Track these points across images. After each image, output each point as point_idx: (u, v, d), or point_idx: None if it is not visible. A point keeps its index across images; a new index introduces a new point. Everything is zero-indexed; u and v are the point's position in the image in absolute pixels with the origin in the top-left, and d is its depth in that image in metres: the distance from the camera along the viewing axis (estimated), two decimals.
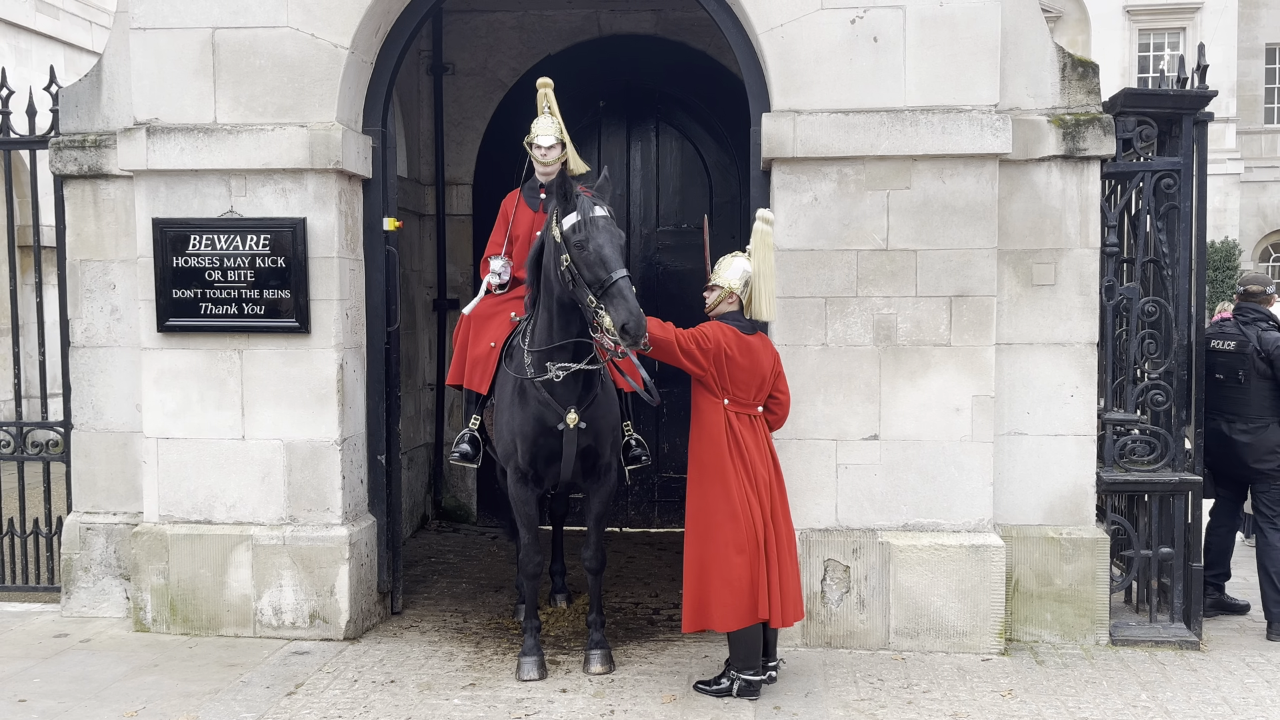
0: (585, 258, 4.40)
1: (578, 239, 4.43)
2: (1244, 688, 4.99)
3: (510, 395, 4.98)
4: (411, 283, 8.04)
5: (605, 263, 4.36)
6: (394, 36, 5.81)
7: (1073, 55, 5.58)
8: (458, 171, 8.38)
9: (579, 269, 4.41)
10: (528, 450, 4.95)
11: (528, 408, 4.91)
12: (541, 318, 4.82)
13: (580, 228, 4.43)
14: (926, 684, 4.98)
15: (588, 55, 8.21)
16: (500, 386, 5.12)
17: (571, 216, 4.48)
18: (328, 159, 5.49)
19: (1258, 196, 28.39)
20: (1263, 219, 28.64)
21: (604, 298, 4.33)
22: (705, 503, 4.68)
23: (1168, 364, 5.62)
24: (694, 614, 4.72)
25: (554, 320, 4.75)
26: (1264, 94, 28.55)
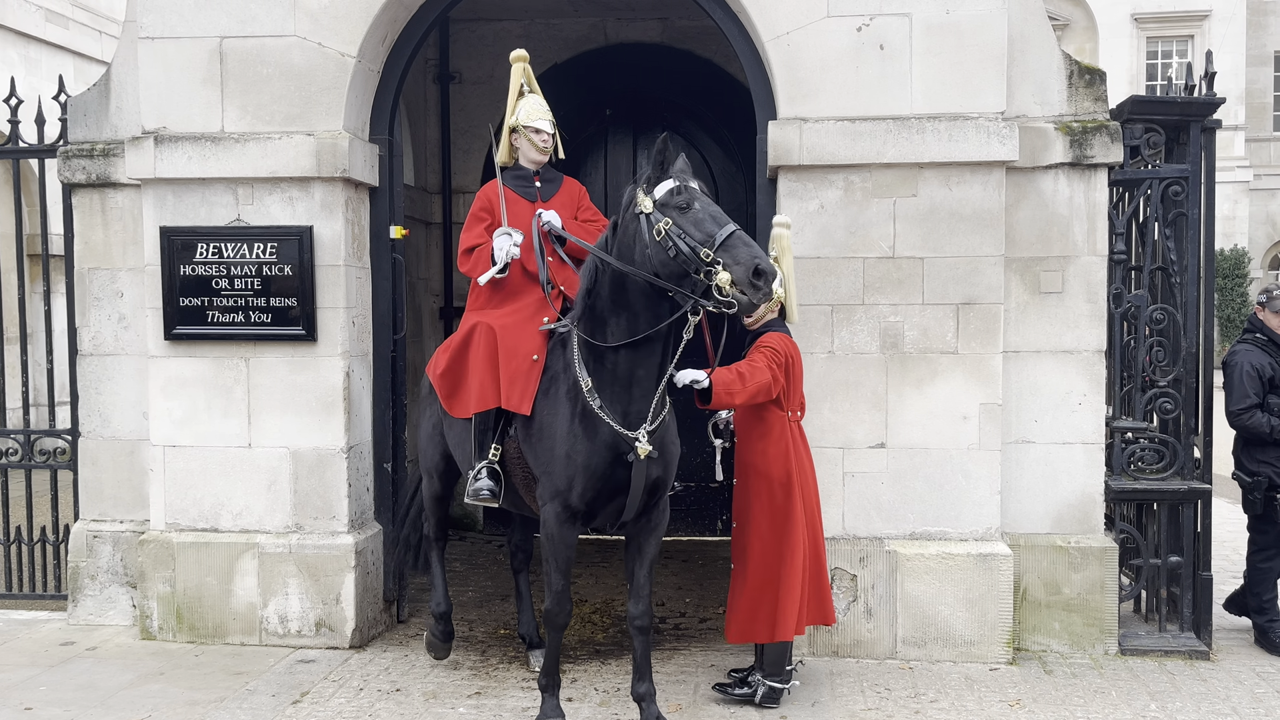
0: (693, 216, 3.96)
1: (679, 200, 4.00)
2: (1254, 698, 4.95)
3: (568, 421, 4.27)
4: (418, 291, 8.06)
5: (716, 218, 3.96)
6: (400, 45, 5.82)
7: (1079, 63, 5.57)
8: (465, 180, 8.39)
9: (686, 229, 3.94)
10: (592, 486, 4.28)
11: (597, 435, 4.23)
12: (615, 323, 4.20)
13: (680, 190, 4.01)
14: (934, 694, 4.95)
15: (594, 64, 8.23)
16: (548, 410, 4.36)
17: (666, 183, 4.04)
18: (334, 167, 5.50)
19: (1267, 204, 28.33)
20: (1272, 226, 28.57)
21: (723, 249, 3.85)
22: (777, 516, 4.68)
23: (1176, 372, 5.59)
24: (768, 625, 4.71)
25: (639, 319, 4.14)
26: (1272, 101, 28.52)
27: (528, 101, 4.94)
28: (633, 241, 4.10)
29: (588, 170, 8.40)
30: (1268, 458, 5.64)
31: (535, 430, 4.39)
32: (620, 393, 4.22)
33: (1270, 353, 5.67)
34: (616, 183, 8.36)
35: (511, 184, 4.92)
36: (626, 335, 4.16)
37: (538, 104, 4.94)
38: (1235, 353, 5.75)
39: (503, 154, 5.01)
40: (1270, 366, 5.63)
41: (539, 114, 4.92)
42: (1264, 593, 5.71)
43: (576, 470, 4.25)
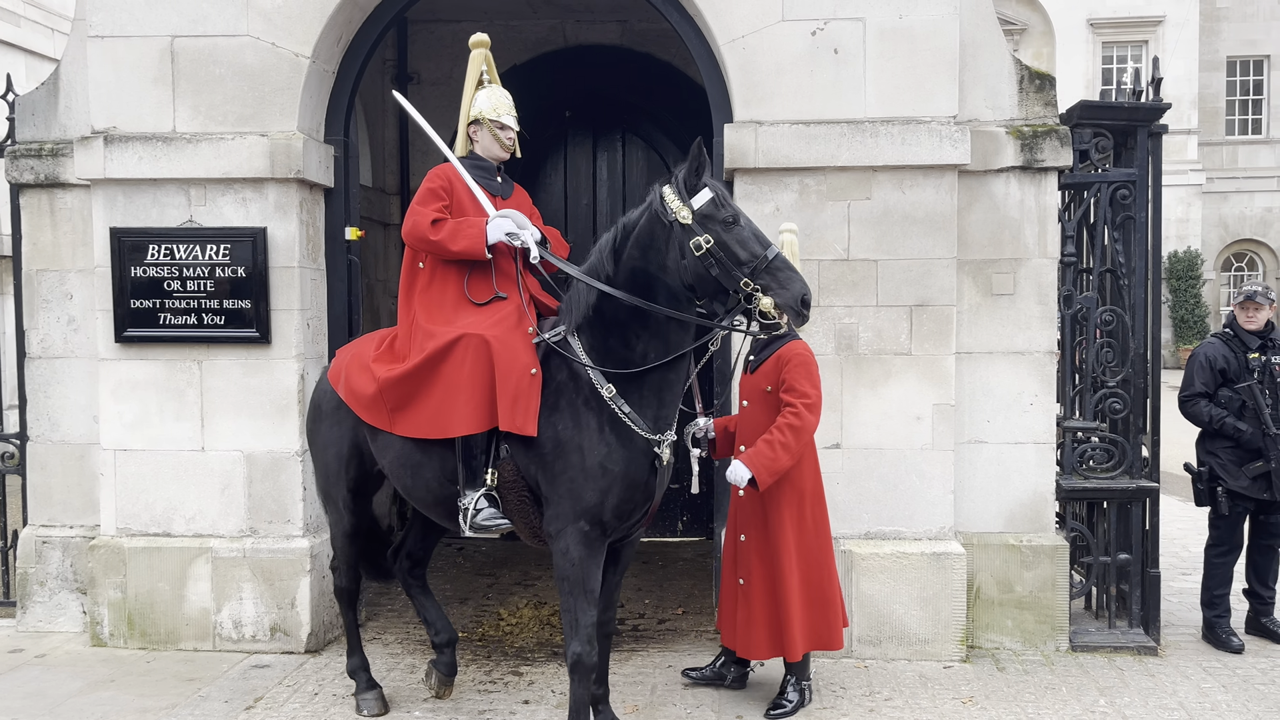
0: (738, 235, 3.83)
1: (724, 215, 3.84)
2: (1200, 693, 5.04)
3: (597, 431, 3.99)
4: (375, 293, 8.01)
5: (759, 238, 3.86)
6: (356, 46, 5.79)
7: (1030, 67, 5.65)
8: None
9: (730, 248, 3.80)
10: (630, 497, 4.04)
11: (632, 442, 4.01)
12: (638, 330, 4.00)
13: (723, 203, 3.86)
14: (888, 692, 5.00)
15: (554, 65, 8.22)
16: (564, 424, 4.03)
17: (705, 192, 3.87)
18: (289, 168, 5.46)
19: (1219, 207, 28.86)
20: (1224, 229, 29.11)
21: (766, 273, 3.77)
22: (808, 526, 4.69)
23: (1125, 372, 5.69)
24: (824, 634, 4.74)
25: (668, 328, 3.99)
26: (1224, 106, 29.05)
27: (492, 93, 4.59)
28: (663, 247, 3.92)
29: (547, 172, 8.40)
30: (1215, 449, 5.76)
31: (549, 449, 4.02)
32: (649, 397, 4.03)
33: (1233, 347, 5.77)
34: (576, 184, 8.36)
35: (475, 174, 4.50)
36: (656, 341, 3.98)
37: (503, 97, 4.60)
38: (1200, 346, 5.90)
39: (460, 146, 4.68)
40: (1225, 359, 5.73)
41: (505, 108, 4.59)
42: (1215, 588, 5.81)
43: (614, 481, 3.98)
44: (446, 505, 4.27)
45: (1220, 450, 5.73)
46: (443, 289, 4.33)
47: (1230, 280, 29.16)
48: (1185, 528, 8.25)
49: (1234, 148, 29.23)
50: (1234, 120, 29.30)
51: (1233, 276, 29.29)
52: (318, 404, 4.74)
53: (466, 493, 4.13)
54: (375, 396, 4.29)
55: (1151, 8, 27.34)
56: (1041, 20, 27.94)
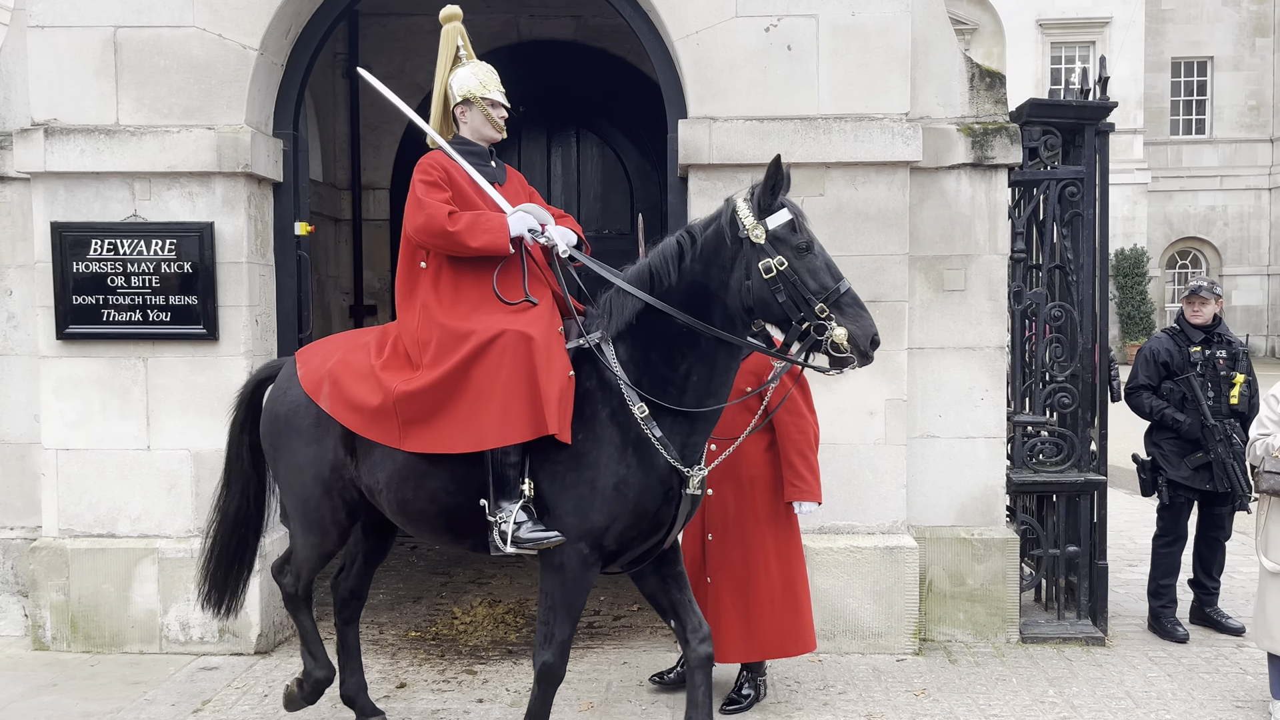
0: (811, 262, 3.56)
1: (799, 241, 3.57)
2: (1146, 681, 5.13)
3: (618, 450, 3.70)
4: (327, 289, 7.92)
5: (830, 269, 3.58)
6: (306, 38, 5.71)
7: (980, 66, 5.71)
8: (375, 176, 8.28)
9: (801, 275, 3.54)
10: (635, 526, 3.76)
11: (653, 469, 3.71)
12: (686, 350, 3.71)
13: (799, 228, 3.59)
14: (842, 685, 5.03)
15: (507, 60, 8.09)
16: (585, 435, 3.72)
17: (783, 213, 3.59)
18: (236, 162, 5.37)
19: (1164, 205, 29.44)
20: (1169, 227, 29.70)
21: (838, 308, 3.52)
22: (793, 525, 4.71)
23: (1074, 367, 5.77)
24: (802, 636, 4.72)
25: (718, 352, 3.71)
26: (1169, 106, 29.63)
27: (477, 69, 4.18)
28: (728, 264, 3.63)
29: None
30: (1158, 440, 5.87)
31: (563, 457, 3.71)
32: (682, 422, 3.73)
33: (1179, 342, 5.88)
34: (530, 178, 8.26)
35: (470, 160, 4.07)
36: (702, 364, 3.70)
37: (489, 72, 4.18)
38: (1148, 340, 6.02)
39: (436, 124, 4.23)
40: (1169, 353, 5.84)
41: (494, 84, 4.16)
42: (1161, 578, 5.91)
43: (625, 507, 3.69)
44: (450, 518, 3.88)
45: (1163, 441, 5.84)
46: (456, 287, 3.89)
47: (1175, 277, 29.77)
48: (1132, 519, 8.39)
49: (1178, 147, 29.83)
50: (1178, 120, 29.91)
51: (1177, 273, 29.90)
52: (285, 418, 4.13)
53: (503, 505, 3.68)
54: (384, 410, 3.81)
55: (1099, 9, 27.80)
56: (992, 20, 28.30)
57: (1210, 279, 6.46)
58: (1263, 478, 4.65)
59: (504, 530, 3.67)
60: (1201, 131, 29.87)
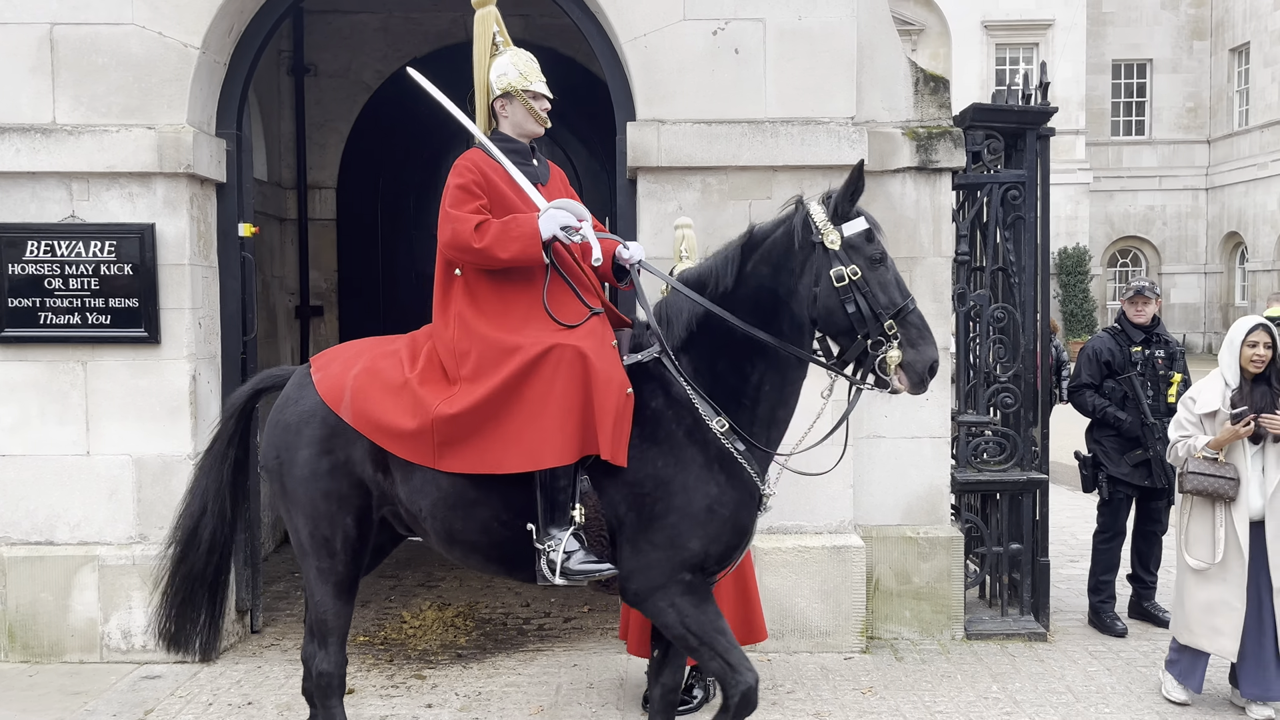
0: (883, 276, 3.37)
1: (873, 252, 3.38)
2: (1086, 675, 5.24)
3: (704, 468, 3.46)
4: (272, 290, 7.81)
5: (899, 285, 3.39)
6: (249, 36, 5.62)
7: (924, 70, 5.78)
8: (321, 175, 8.18)
9: (873, 288, 3.35)
10: (734, 546, 3.54)
11: (741, 484, 3.50)
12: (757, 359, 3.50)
13: (874, 238, 3.41)
14: (791, 684, 5.07)
15: (456, 59, 8.02)
16: (663, 457, 3.47)
17: (860, 221, 3.41)
18: (178, 162, 5.28)
19: (1105, 205, 29.99)
20: (1110, 226, 30.26)
21: (904, 325, 3.35)
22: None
23: (1016, 368, 5.86)
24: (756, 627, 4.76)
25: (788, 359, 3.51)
26: (1110, 108, 30.18)
27: (517, 57, 3.85)
28: (797, 269, 3.43)
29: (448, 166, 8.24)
30: (1099, 437, 6.01)
31: (647, 487, 3.43)
32: (759, 434, 3.54)
33: (1120, 342, 6.01)
34: None
35: (515, 160, 3.80)
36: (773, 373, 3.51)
37: (529, 60, 3.86)
38: (1090, 339, 6.16)
39: (481, 121, 3.94)
40: (1110, 352, 5.97)
41: (535, 74, 3.84)
42: (1101, 573, 6.04)
43: (724, 527, 3.46)
44: (506, 550, 3.59)
45: (1104, 438, 5.97)
46: (500, 296, 3.61)
47: (1116, 275, 30.35)
48: (1074, 516, 8.54)
49: (1119, 148, 30.40)
50: (1119, 121, 30.47)
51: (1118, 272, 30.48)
52: (297, 428, 3.74)
53: (552, 533, 3.44)
54: (422, 429, 3.51)
55: (1042, 11, 28.23)
56: (938, 21, 28.63)
57: (1151, 279, 6.62)
58: (1186, 478, 4.78)
59: (553, 559, 3.42)
60: (1141, 133, 30.47)
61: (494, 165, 3.73)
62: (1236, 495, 4.69)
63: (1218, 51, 29.77)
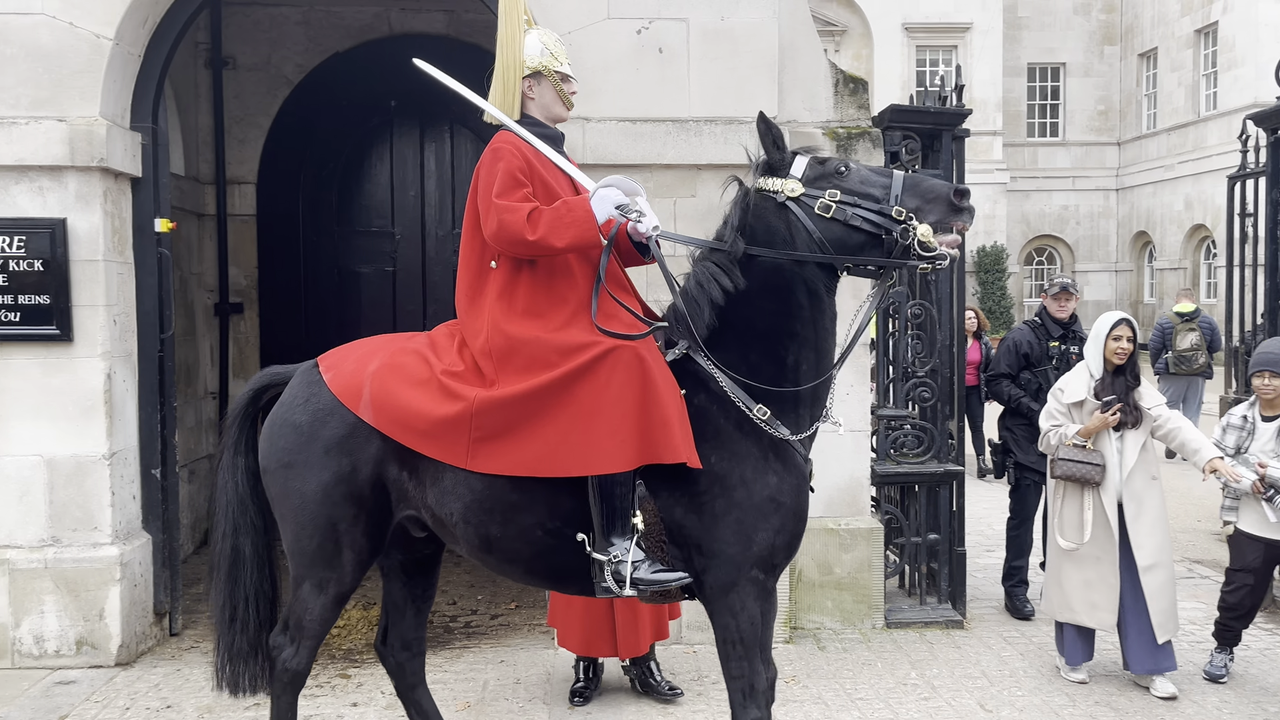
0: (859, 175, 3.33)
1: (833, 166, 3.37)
2: (1000, 661, 5.41)
3: (760, 459, 3.31)
4: (190, 286, 7.65)
5: (878, 171, 3.38)
6: (164, 28, 5.51)
7: (844, 72, 5.90)
8: (240, 170, 8.04)
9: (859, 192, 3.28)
10: (798, 534, 3.41)
11: (795, 466, 3.37)
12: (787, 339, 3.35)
13: (825, 156, 3.45)
14: (715, 675, 5.14)
15: (378, 54, 8.04)
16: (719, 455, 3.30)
17: (798, 160, 3.36)
18: (91, 156, 5.16)
19: (1022, 204, 30.75)
20: (1026, 225, 31.03)
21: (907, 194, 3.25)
22: None
23: (933, 363, 6.02)
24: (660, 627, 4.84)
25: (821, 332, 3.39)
26: (1026, 109, 30.96)
27: (546, 37, 3.65)
28: (788, 237, 3.31)
29: (372, 163, 8.22)
30: (1012, 425, 6.22)
31: (703, 485, 3.27)
32: (804, 416, 3.40)
33: (1039, 335, 6.20)
34: (403, 175, 8.23)
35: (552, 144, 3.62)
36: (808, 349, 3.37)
37: (558, 42, 3.69)
38: (1011, 331, 6.36)
39: (510, 103, 3.62)
40: (1029, 345, 6.17)
41: (565, 55, 3.68)
42: (1013, 559, 6.27)
43: (787, 516, 3.33)
44: (551, 560, 3.39)
45: (1015, 427, 6.19)
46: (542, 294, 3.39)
47: (1033, 273, 31.15)
48: (990, 507, 8.79)
49: (1034, 149, 31.20)
50: (1034, 123, 31.27)
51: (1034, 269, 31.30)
52: (309, 429, 3.49)
53: (614, 542, 3.24)
54: (453, 421, 3.29)
55: (960, 14, 28.83)
56: (861, 23, 29.07)
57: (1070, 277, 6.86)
58: (1058, 464, 5.05)
59: (620, 571, 3.22)
60: (1055, 134, 31.31)
61: (530, 148, 3.50)
62: (1104, 480, 4.96)
63: (1127, 56, 30.74)
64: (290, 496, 3.52)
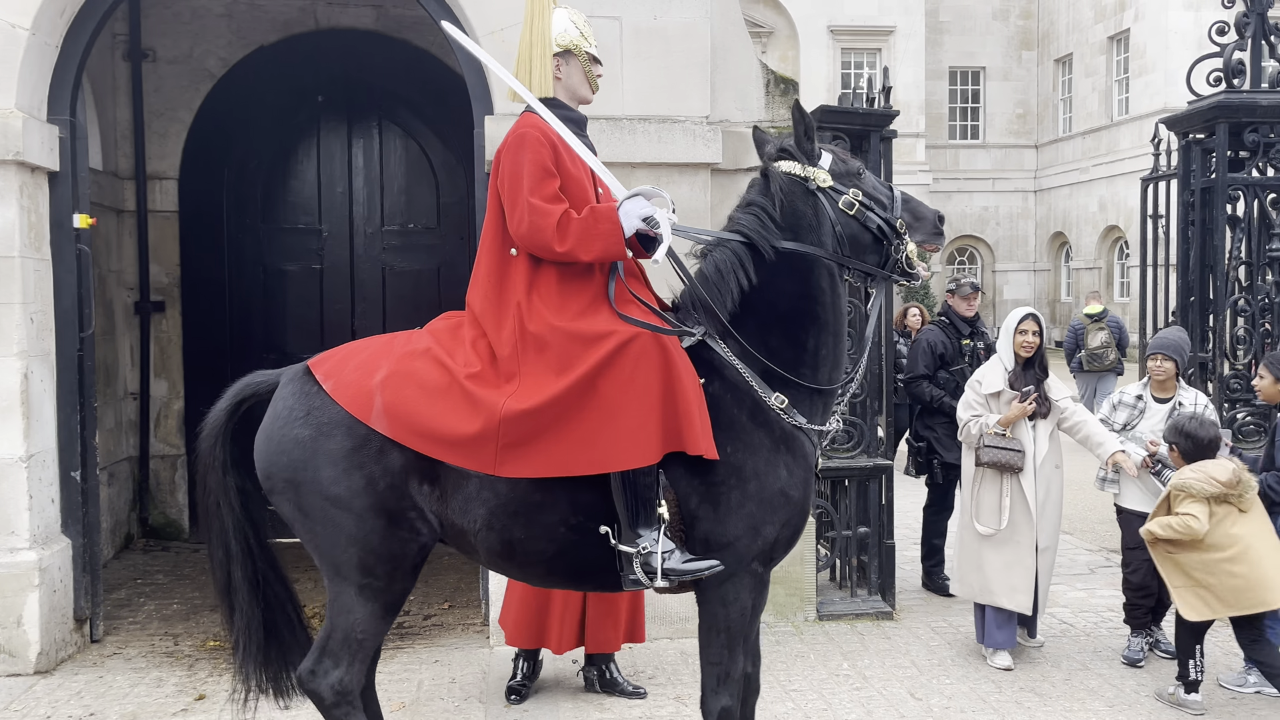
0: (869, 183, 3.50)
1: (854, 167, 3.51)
2: (929, 650, 5.53)
3: (771, 450, 3.30)
4: (109, 284, 7.45)
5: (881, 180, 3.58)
6: (83, 18, 5.37)
7: (775, 72, 5.98)
8: (161, 165, 7.85)
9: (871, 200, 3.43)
10: (801, 527, 3.45)
11: (805, 458, 3.37)
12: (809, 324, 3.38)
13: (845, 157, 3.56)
14: (652, 670, 5.18)
15: (305, 48, 7.92)
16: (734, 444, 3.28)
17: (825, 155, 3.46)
18: (6, 149, 5.00)
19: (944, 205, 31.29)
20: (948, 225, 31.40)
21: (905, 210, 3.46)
22: None
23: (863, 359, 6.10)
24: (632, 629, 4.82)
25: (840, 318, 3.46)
26: (947, 112, 31.62)
27: (575, 16, 3.55)
28: (813, 222, 3.37)
29: (299, 158, 8.09)
30: (933, 424, 6.37)
31: (720, 476, 3.25)
32: (818, 405, 3.42)
33: (949, 334, 6.38)
34: (330, 171, 8.10)
35: (576, 130, 3.49)
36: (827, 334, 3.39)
37: (587, 22, 3.59)
38: (922, 332, 6.47)
39: (539, 82, 3.48)
40: (944, 345, 6.34)
41: (593, 36, 3.59)
42: (932, 538, 6.60)
43: (795, 509, 3.34)
44: (573, 558, 3.32)
45: (937, 425, 6.35)
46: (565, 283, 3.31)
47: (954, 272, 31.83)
48: (918, 501, 8.93)
49: (956, 151, 31.88)
50: (955, 126, 31.95)
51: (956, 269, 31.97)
52: (313, 443, 3.27)
53: (642, 533, 3.19)
54: (485, 431, 3.17)
55: (884, 18, 29.33)
56: (787, 25, 29.39)
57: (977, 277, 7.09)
58: (984, 452, 5.26)
59: (650, 563, 3.17)
60: (976, 137, 32.03)
61: (556, 134, 3.36)
62: (1024, 465, 5.18)
63: (1044, 61, 31.58)
64: (312, 512, 3.30)
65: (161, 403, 7.95)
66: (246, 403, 3.51)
